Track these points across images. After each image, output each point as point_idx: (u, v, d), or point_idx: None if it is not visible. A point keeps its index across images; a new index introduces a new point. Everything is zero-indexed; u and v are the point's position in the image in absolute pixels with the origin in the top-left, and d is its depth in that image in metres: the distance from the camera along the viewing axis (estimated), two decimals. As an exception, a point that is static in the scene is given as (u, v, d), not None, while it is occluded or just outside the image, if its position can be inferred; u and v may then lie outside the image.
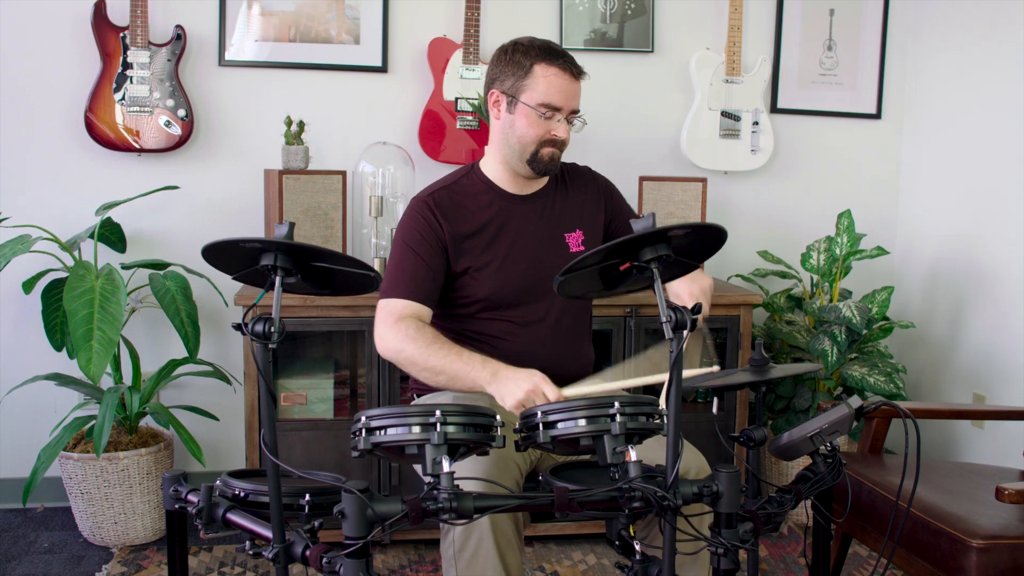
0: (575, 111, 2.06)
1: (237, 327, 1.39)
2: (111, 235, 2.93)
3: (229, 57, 3.06)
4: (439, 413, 1.38)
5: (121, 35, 2.90)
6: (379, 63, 3.13)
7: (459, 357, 1.87)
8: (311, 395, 2.83)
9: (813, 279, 3.18)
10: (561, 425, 1.45)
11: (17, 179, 3.01)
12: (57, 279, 2.80)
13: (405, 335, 1.92)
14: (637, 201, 2.93)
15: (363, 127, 3.14)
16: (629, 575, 1.53)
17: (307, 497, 1.48)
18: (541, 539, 2.87)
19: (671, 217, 2.92)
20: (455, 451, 1.41)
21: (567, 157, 2.28)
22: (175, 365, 2.86)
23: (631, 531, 1.55)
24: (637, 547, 1.53)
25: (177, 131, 2.97)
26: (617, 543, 1.56)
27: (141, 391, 2.83)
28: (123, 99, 2.92)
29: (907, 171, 3.46)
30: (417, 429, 1.37)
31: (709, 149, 3.26)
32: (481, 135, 3.10)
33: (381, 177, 2.97)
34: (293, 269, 1.44)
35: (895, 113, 3.45)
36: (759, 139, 3.28)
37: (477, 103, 3.06)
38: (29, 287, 2.83)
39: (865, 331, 2.87)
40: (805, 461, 2.89)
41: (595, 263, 1.47)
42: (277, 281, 1.41)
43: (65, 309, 2.52)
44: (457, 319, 2.10)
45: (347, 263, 1.46)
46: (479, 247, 2.07)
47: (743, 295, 2.91)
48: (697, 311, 1.44)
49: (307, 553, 1.41)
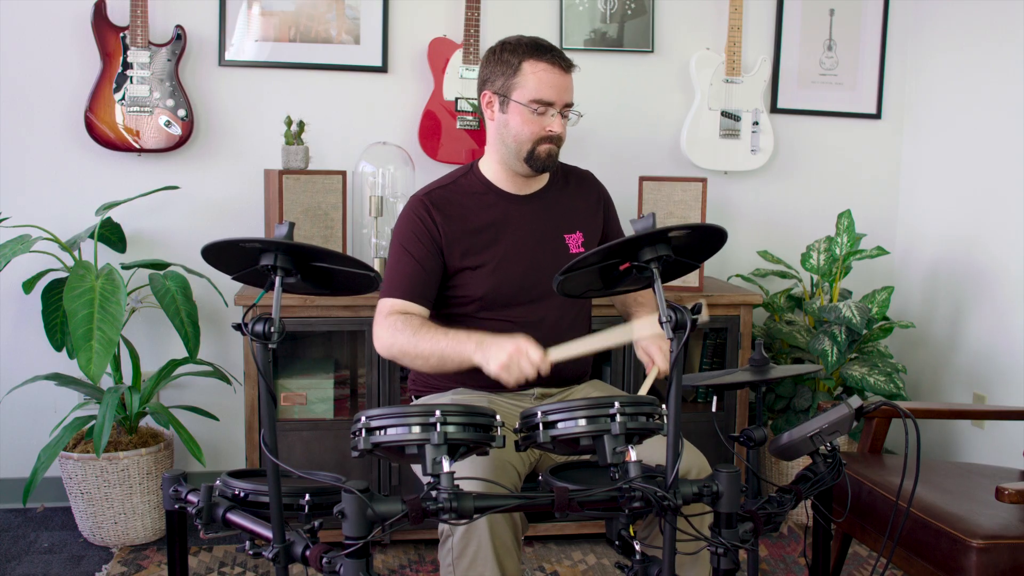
0: (568, 104, 2.06)
1: (237, 327, 1.39)
2: (111, 235, 2.93)
3: (229, 57, 3.06)
4: (439, 413, 1.38)
5: (121, 35, 2.90)
6: (379, 63, 3.13)
7: (445, 335, 1.89)
8: (311, 395, 2.83)
9: (813, 279, 3.18)
10: (561, 425, 1.45)
11: (17, 179, 3.01)
12: (57, 279, 2.80)
13: (393, 328, 1.94)
14: (637, 201, 2.93)
15: (363, 127, 3.14)
16: (629, 575, 1.53)
17: (307, 497, 1.48)
18: (541, 539, 2.87)
19: (671, 217, 2.92)
20: (455, 451, 1.41)
21: (569, 159, 2.29)
22: (175, 365, 2.86)
23: (631, 531, 1.55)
24: (637, 547, 1.53)
25: (177, 131, 2.97)
26: (617, 543, 1.56)
27: (141, 391, 2.83)
28: (123, 99, 2.92)
29: (907, 171, 3.46)
30: (417, 429, 1.38)
31: (709, 149, 3.26)
32: (481, 135, 3.10)
33: (381, 177, 2.97)
34: (293, 269, 1.44)
35: (895, 113, 3.45)
36: (759, 139, 3.28)
37: (477, 103, 3.06)
38: (29, 287, 2.83)
39: (865, 331, 2.87)
40: (805, 461, 2.89)
41: (595, 263, 1.47)
42: (277, 281, 1.41)
43: (65, 309, 2.52)
44: (455, 318, 2.10)
45: (347, 263, 1.47)
46: (478, 246, 2.07)
47: (743, 295, 2.91)
48: (697, 311, 1.45)
49: (307, 553, 1.41)
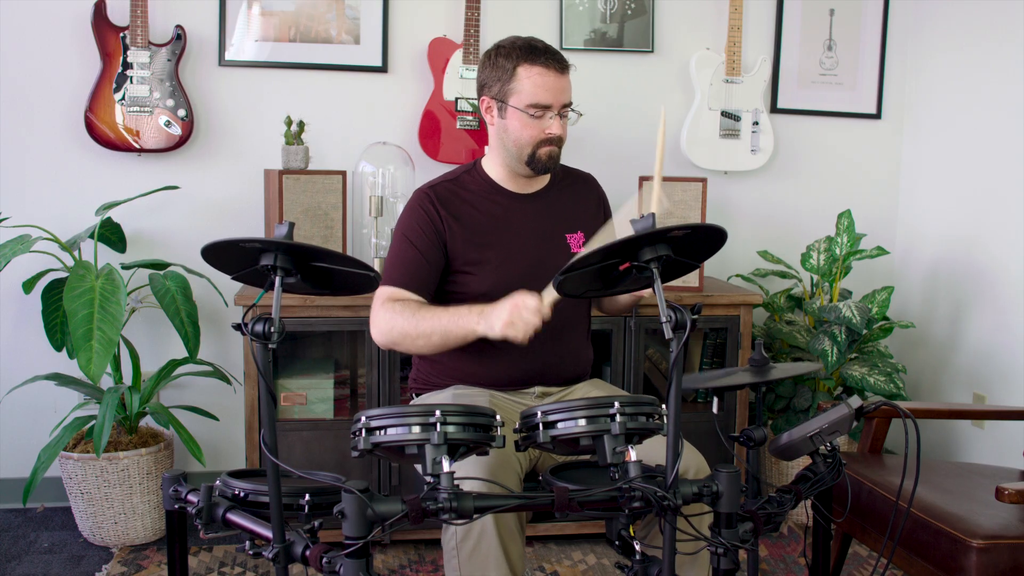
0: (567, 104, 2.05)
1: (237, 327, 1.39)
2: (111, 235, 2.93)
3: (229, 57, 3.06)
4: (439, 413, 1.38)
5: (121, 35, 2.90)
6: (379, 63, 3.13)
7: (445, 312, 1.91)
8: (311, 395, 2.83)
9: (813, 279, 3.18)
10: (561, 425, 1.45)
11: (17, 179, 3.01)
12: (57, 279, 2.80)
13: (391, 311, 1.95)
14: (637, 201, 2.93)
15: (363, 127, 3.14)
16: (629, 575, 1.53)
17: (307, 497, 1.48)
18: (541, 539, 2.87)
19: (671, 217, 2.92)
20: (455, 451, 1.41)
21: (569, 159, 2.29)
22: (175, 365, 2.86)
23: (631, 531, 1.55)
24: (637, 547, 1.53)
25: (177, 131, 2.97)
26: (617, 543, 1.56)
27: (141, 391, 2.83)
28: (123, 99, 2.92)
29: (907, 171, 3.46)
30: (417, 429, 1.38)
31: (709, 149, 3.26)
32: (481, 135, 3.10)
33: (381, 177, 2.97)
34: (293, 269, 1.44)
35: (895, 113, 3.45)
36: (759, 139, 3.28)
37: (477, 103, 3.06)
38: (29, 287, 2.83)
39: (865, 331, 2.87)
40: (805, 461, 2.89)
41: (595, 263, 1.47)
42: (277, 281, 1.41)
43: (65, 309, 2.52)
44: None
45: (347, 263, 1.46)
46: (480, 243, 2.07)
47: (743, 295, 2.91)
48: (697, 311, 1.45)
49: (307, 553, 1.41)
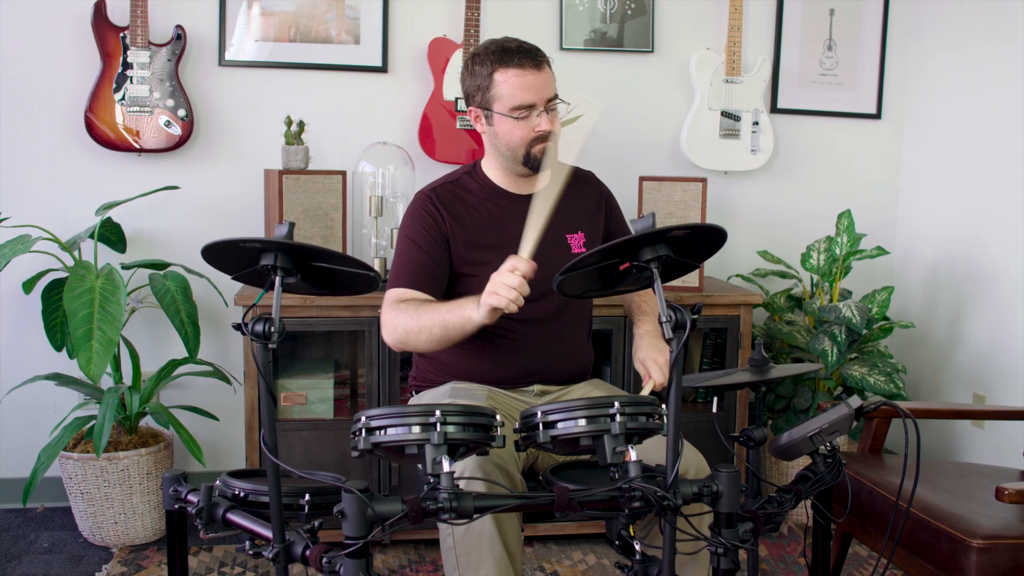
0: (552, 98, 2.03)
1: (237, 327, 1.39)
2: (111, 235, 2.93)
3: (229, 57, 3.06)
4: (439, 413, 1.38)
5: (121, 35, 2.90)
6: (379, 63, 3.13)
7: (444, 305, 1.92)
8: (311, 395, 2.83)
9: (813, 279, 3.18)
10: (561, 425, 1.45)
11: (17, 179, 3.01)
12: (57, 279, 2.80)
13: (396, 311, 1.96)
14: (637, 201, 2.93)
15: (363, 127, 3.14)
16: (629, 575, 1.53)
17: (307, 497, 1.48)
18: (541, 539, 2.87)
19: (671, 217, 2.92)
20: (455, 451, 1.41)
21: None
22: (175, 365, 2.86)
23: (631, 531, 1.55)
24: (637, 547, 1.53)
25: (177, 131, 2.97)
26: (617, 543, 1.56)
27: (141, 391, 2.83)
28: (123, 99, 2.92)
29: (907, 171, 3.46)
30: (417, 429, 1.38)
31: (709, 149, 3.26)
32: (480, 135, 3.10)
33: (381, 177, 2.97)
34: (293, 269, 1.44)
35: (895, 113, 3.45)
36: (759, 139, 3.28)
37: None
38: (29, 287, 2.83)
39: (865, 331, 2.87)
40: (805, 461, 2.89)
41: (595, 263, 1.47)
42: (277, 281, 1.41)
43: (65, 309, 2.52)
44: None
45: (347, 263, 1.47)
46: (481, 245, 2.08)
47: (743, 295, 2.91)
48: (697, 311, 1.45)
49: (307, 553, 1.41)
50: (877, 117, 3.44)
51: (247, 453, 2.75)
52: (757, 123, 3.27)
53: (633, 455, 1.42)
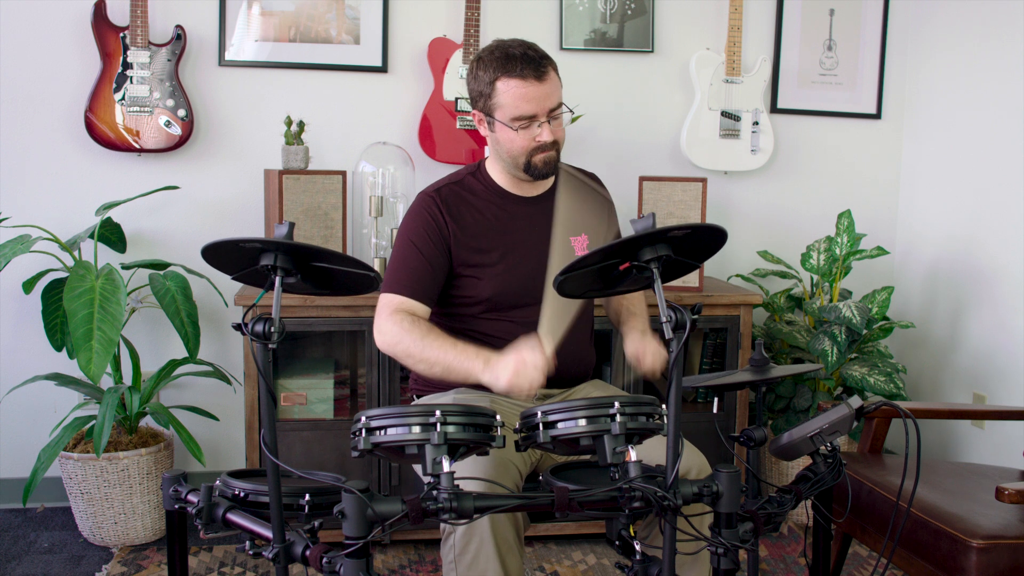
0: (554, 108, 2.01)
1: (237, 327, 1.39)
2: (111, 235, 2.93)
3: (229, 57, 3.06)
4: (439, 413, 1.38)
5: (121, 35, 2.90)
6: (379, 63, 3.13)
7: (453, 348, 1.88)
8: (311, 395, 2.83)
9: (813, 279, 3.18)
10: (561, 425, 1.45)
11: (17, 179, 3.01)
12: (57, 279, 2.80)
13: (401, 327, 1.93)
14: (637, 201, 2.93)
15: (363, 127, 3.14)
16: (629, 575, 1.53)
17: (307, 497, 1.48)
18: (541, 539, 2.87)
19: (671, 217, 2.92)
20: (455, 451, 1.41)
21: (570, 159, 2.28)
22: (175, 365, 2.86)
23: (631, 531, 1.55)
24: (637, 547, 1.53)
25: (177, 131, 2.97)
26: (617, 543, 1.56)
27: (141, 391, 2.83)
28: (123, 99, 2.92)
29: (907, 171, 3.46)
30: (417, 429, 1.38)
31: (709, 149, 3.26)
32: (481, 135, 3.10)
33: (381, 177, 2.97)
34: (293, 269, 1.44)
35: (895, 113, 3.45)
36: (759, 139, 3.28)
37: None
38: (29, 287, 2.83)
39: (865, 331, 2.87)
40: (805, 461, 2.89)
41: (595, 263, 1.47)
42: (277, 281, 1.41)
43: (65, 309, 2.52)
44: (460, 318, 2.10)
45: (347, 263, 1.47)
46: (484, 247, 2.07)
47: (743, 295, 2.91)
48: (697, 311, 1.45)
49: (307, 553, 1.41)
50: (877, 117, 3.44)
51: (247, 453, 2.75)
52: (757, 123, 3.27)
53: (633, 455, 1.42)
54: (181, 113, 2.97)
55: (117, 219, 2.94)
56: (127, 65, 2.91)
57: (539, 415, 1.46)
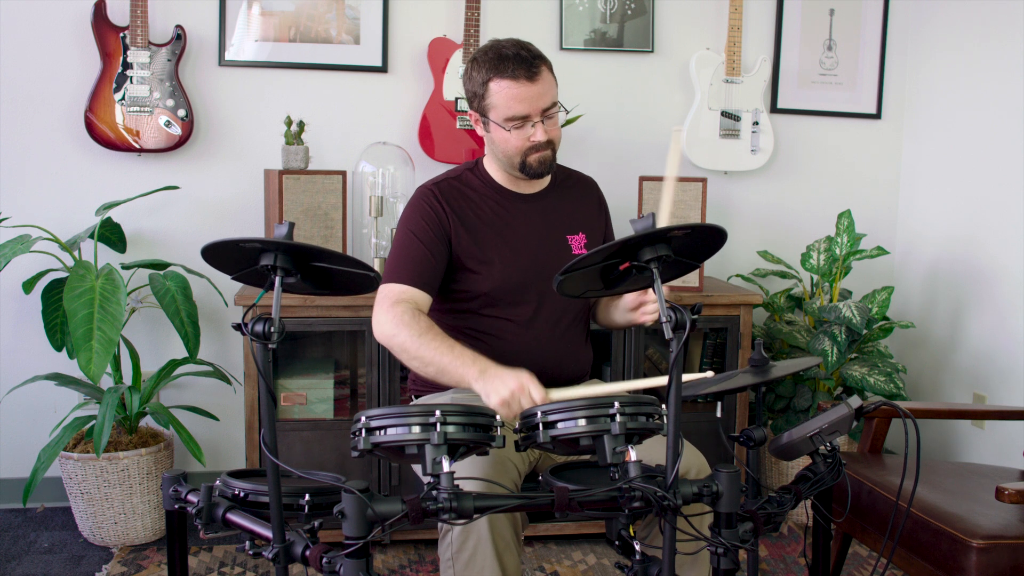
0: (549, 108, 2.00)
1: (237, 327, 1.39)
2: (111, 235, 2.93)
3: (229, 57, 3.06)
4: (439, 413, 1.38)
5: (121, 35, 2.90)
6: (379, 63, 3.13)
7: (450, 351, 1.84)
8: (311, 395, 2.83)
9: (813, 279, 3.18)
10: (561, 425, 1.45)
11: (17, 179, 3.01)
12: (57, 279, 2.80)
13: (400, 320, 1.90)
14: (637, 201, 2.93)
15: (363, 127, 3.14)
16: (629, 575, 1.53)
17: (307, 497, 1.48)
18: (541, 539, 2.87)
19: (671, 217, 2.92)
20: (455, 451, 1.41)
21: (569, 159, 2.28)
22: (175, 365, 2.86)
23: (631, 531, 1.55)
24: (637, 547, 1.53)
25: (177, 131, 2.97)
26: (617, 543, 1.56)
27: (141, 391, 2.83)
28: (123, 99, 2.92)
29: (907, 171, 3.46)
30: (417, 429, 1.37)
31: (709, 149, 3.26)
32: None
33: (381, 177, 2.97)
34: (293, 269, 1.44)
35: (895, 113, 3.45)
36: (759, 139, 3.28)
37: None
38: (29, 287, 2.83)
39: (865, 331, 2.87)
40: (805, 461, 2.89)
41: (595, 263, 1.47)
42: (277, 281, 1.41)
43: (65, 309, 2.52)
44: (456, 314, 2.10)
45: (347, 263, 1.46)
46: (481, 243, 2.07)
47: (743, 295, 2.91)
48: (697, 311, 1.44)
49: (307, 553, 1.41)
50: (877, 117, 3.44)
51: (247, 453, 2.75)
52: (757, 123, 3.27)
53: (633, 455, 1.42)
54: (181, 113, 2.97)
55: (117, 219, 2.94)
56: (127, 65, 2.91)
57: (539, 415, 1.46)
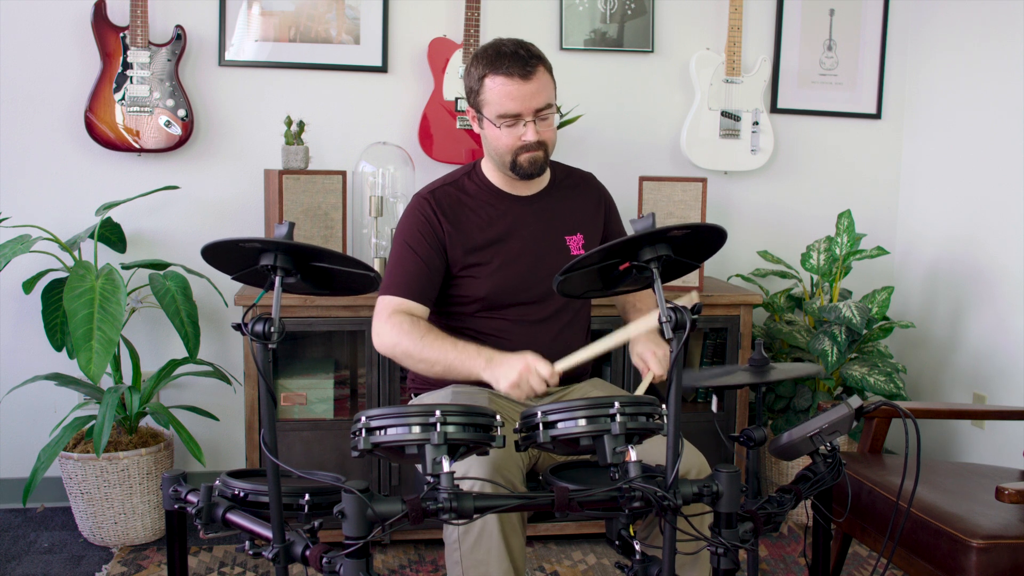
0: (542, 108, 2.00)
1: (237, 327, 1.39)
2: (111, 235, 2.93)
3: (229, 57, 3.06)
4: (439, 413, 1.38)
5: (121, 35, 2.90)
6: (379, 63, 3.13)
7: (454, 347, 1.90)
8: (311, 395, 2.83)
9: (813, 279, 3.18)
10: (561, 425, 1.45)
11: (17, 179, 3.01)
12: (57, 279, 2.80)
13: (400, 329, 1.94)
14: (637, 201, 2.93)
15: (363, 127, 3.14)
16: (629, 575, 1.53)
17: (307, 497, 1.48)
18: (541, 539, 2.87)
19: (671, 217, 2.92)
20: (455, 451, 1.41)
21: (569, 159, 2.28)
22: (175, 365, 2.86)
23: (631, 531, 1.55)
24: (637, 547, 1.53)
25: (177, 131, 2.97)
26: (617, 543, 1.56)
27: (141, 391, 2.83)
28: (123, 99, 2.92)
29: (907, 171, 3.46)
30: (417, 429, 1.38)
31: (709, 149, 3.26)
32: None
33: (381, 177, 2.97)
34: (293, 269, 1.44)
35: (895, 113, 3.45)
36: (759, 139, 3.28)
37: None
38: (29, 287, 2.83)
39: (865, 331, 2.87)
40: (805, 461, 2.89)
41: (595, 263, 1.47)
42: (277, 281, 1.41)
43: (65, 309, 2.52)
44: (456, 317, 2.10)
45: (347, 263, 1.47)
46: (479, 246, 2.07)
47: (743, 295, 2.91)
48: (697, 311, 1.44)
49: (307, 553, 1.41)
50: (877, 117, 3.44)
51: (247, 453, 2.75)
52: (757, 123, 3.27)
53: (633, 455, 1.42)
54: (181, 113, 2.97)
55: (117, 219, 2.94)
56: (127, 65, 2.91)
57: (539, 415, 1.46)
